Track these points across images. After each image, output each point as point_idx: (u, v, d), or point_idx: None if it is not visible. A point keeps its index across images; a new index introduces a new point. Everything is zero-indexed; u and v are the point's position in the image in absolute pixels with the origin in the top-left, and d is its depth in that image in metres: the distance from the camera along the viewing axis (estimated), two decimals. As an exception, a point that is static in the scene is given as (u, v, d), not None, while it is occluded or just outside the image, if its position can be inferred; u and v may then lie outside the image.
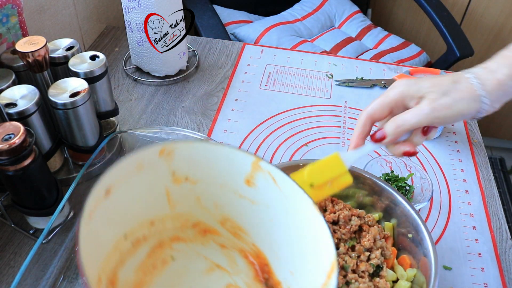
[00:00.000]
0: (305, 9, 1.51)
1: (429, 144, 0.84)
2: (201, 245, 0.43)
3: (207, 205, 0.43)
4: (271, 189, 0.39)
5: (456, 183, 0.78)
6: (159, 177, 0.40)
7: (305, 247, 0.38)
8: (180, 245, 0.43)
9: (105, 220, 0.36)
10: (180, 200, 0.42)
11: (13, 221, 0.66)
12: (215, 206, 0.43)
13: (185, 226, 0.43)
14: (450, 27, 1.32)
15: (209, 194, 0.42)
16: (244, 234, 0.43)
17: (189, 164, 0.40)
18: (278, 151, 0.81)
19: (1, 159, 0.53)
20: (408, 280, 0.55)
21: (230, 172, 0.40)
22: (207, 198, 0.43)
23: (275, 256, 0.42)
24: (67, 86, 0.64)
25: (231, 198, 0.42)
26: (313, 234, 0.37)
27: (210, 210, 0.43)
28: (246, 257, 0.42)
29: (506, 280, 0.64)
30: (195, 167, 0.41)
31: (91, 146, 0.69)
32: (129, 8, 0.85)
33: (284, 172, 0.38)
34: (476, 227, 0.71)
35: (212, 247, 0.43)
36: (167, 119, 0.86)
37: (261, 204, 0.41)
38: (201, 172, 0.41)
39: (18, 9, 0.68)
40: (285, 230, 0.40)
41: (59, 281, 0.60)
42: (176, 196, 0.42)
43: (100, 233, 0.35)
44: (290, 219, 0.39)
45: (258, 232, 0.42)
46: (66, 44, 0.71)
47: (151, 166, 0.39)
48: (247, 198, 0.41)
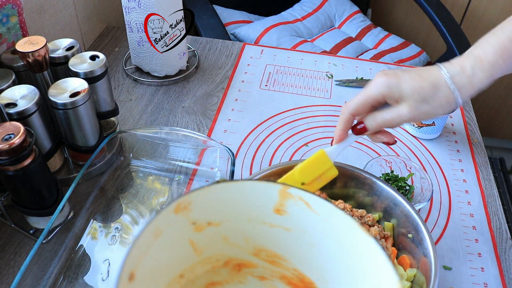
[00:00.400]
0: (305, 9, 1.51)
1: (429, 144, 0.84)
2: (239, 283, 0.41)
3: (237, 241, 0.41)
4: (305, 214, 0.38)
5: (456, 183, 0.78)
6: (180, 233, 0.38)
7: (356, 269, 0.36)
8: None
9: None
10: (206, 245, 0.40)
11: (13, 221, 0.66)
12: (246, 241, 0.41)
13: (216, 267, 0.41)
14: (450, 27, 1.32)
15: (237, 231, 0.41)
16: (283, 261, 0.41)
17: (209, 210, 0.38)
18: (278, 151, 0.81)
19: (1, 159, 0.53)
20: (408, 280, 0.55)
21: (256, 205, 0.38)
22: (236, 235, 0.41)
23: (322, 280, 0.39)
24: (67, 86, 0.64)
25: (262, 229, 0.40)
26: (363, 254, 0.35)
27: (241, 245, 0.41)
28: (289, 284, 0.39)
29: (506, 280, 0.64)
30: (216, 211, 0.39)
31: (91, 146, 0.69)
32: (129, 8, 0.85)
33: (317, 195, 0.36)
34: (476, 227, 0.71)
35: (251, 283, 0.41)
36: (167, 119, 0.86)
37: (296, 230, 0.39)
38: (224, 213, 0.39)
39: (18, 9, 0.68)
40: (329, 254, 0.38)
41: (59, 281, 0.60)
42: (201, 242, 0.40)
43: None
44: (333, 242, 0.38)
45: (299, 258, 0.40)
46: (66, 44, 0.71)
47: (169, 226, 0.37)
48: (280, 227, 0.39)
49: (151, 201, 0.71)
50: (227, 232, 0.40)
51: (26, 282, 0.53)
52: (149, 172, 0.75)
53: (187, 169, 0.76)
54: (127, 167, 0.76)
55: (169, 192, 0.73)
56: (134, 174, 0.75)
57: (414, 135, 0.85)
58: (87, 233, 0.66)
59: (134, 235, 0.66)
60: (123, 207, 0.70)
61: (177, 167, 0.76)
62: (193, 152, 0.77)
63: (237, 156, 0.80)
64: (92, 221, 0.68)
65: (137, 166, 0.76)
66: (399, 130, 0.87)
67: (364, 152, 0.82)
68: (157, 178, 0.75)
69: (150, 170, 0.76)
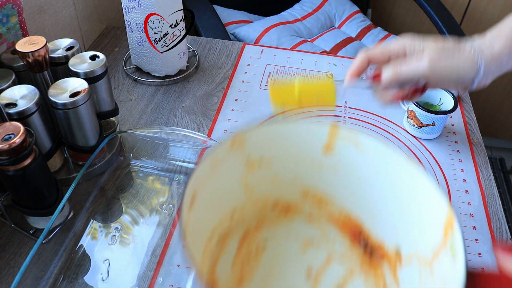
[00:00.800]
0: (305, 9, 1.51)
1: (429, 144, 0.84)
2: (287, 225, 0.42)
3: (286, 182, 0.42)
4: (352, 153, 0.39)
5: (456, 183, 0.78)
6: (234, 168, 0.41)
7: (405, 200, 0.36)
8: (266, 233, 0.41)
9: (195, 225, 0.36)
10: (256, 184, 0.42)
11: (13, 221, 0.66)
12: (294, 181, 0.42)
13: (265, 209, 0.43)
14: (450, 27, 1.32)
15: (286, 171, 0.42)
16: (329, 202, 0.42)
17: (262, 149, 0.40)
18: (278, 151, 0.81)
19: (1, 159, 0.53)
20: None
21: (306, 146, 0.40)
22: (285, 175, 0.42)
23: (370, 215, 0.40)
24: (67, 86, 0.64)
25: (310, 170, 0.41)
26: (411, 185, 0.35)
27: (289, 186, 0.42)
28: (336, 224, 0.40)
29: (506, 280, 0.64)
30: (268, 150, 0.40)
31: (91, 146, 0.69)
32: (129, 8, 0.85)
33: (364, 134, 0.38)
34: (476, 227, 0.71)
35: (299, 225, 0.42)
36: (167, 119, 0.86)
37: (344, 169, 0.40)
38: (275, 152, 0.41)
39: (18, 9, 0.68)
40: (377, 189, 0.39)
41: (59, 281, 0.60)
42: (253, 181, 0.42)
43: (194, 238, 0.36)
44: (382, 178, 0.39)
45: (346, 196, 0.42)
46: (66, 44, 0.71)
47: (225, 160, 0.39)
48: (328, 166, 0.41)
49: (151, 201, 0.71)
50: (277, 173, 0.42)
51: (26, 282, 0.53)
52: (149, 172, 0.75)
53: (187, 169, 0.76)
54: (127, 167, 0.76)
55: (169, 192, 0.73)
56: (134, 174, 0.75)
57: (414, 135, 0.85)
58: (87, 233, 0.66)
59: (135, 235, 0.66)
60: (123, 207, 0.70)
61: (177, 167, 0.76)
62: (193, 152, 0.77)
63: (237, 156, 0.80)
64: (92, 221, 0.68)
65: (137, 166, 0.76)
66: (399, 130, 0.87)
67: (364, 152, 0.82)
68: (157, 178, 0.75)
69: (150, 170, 0.76)
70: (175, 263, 0.63)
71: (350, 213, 0.41)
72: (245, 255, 0.41)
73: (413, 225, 0.34)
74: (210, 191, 0.39)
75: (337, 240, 0.40)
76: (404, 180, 0.36)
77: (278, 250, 0.40)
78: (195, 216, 0.36)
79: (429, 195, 0.34)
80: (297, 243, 0.40)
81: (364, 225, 0.39)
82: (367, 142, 0.38)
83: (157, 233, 0.67)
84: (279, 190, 0.43)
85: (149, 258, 0.64)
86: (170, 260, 0.64)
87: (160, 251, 0.65)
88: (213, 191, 0.39)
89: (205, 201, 0.38)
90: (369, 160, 0.38)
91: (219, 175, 0.39)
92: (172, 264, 0.63)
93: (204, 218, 0.39)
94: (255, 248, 0.41)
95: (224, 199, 0.41)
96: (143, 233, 0.67)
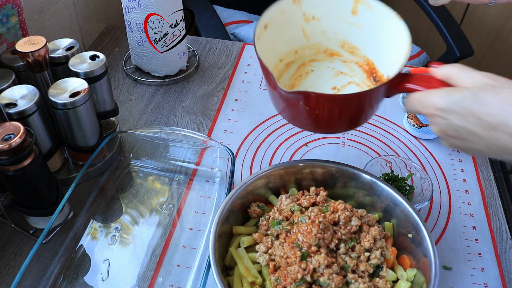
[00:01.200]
0: (305, 9, 1.51)
1: (429, 144, 0.84)
2: (329, 62, 0.64)
3: (330, 35, 0.64)
4: (369, 13, 0.60)
5: (456, 183, 0.78)
6: (295, 18, 0.61)
7: (394, 45, 0.56)
8: (315, 63, 0.64)
9: (267, 45, 0.56)
10: (312, 33, 0.63)
11: (13, 221, 0.66)
12: (335, 34, 0.63)
13: (318, 53, 0.65)
14: (450, 27, 1.32)
15: (330, 26, 0.63)
16: (358, 51, 0.63)
17: (315, 6, 0.61)
18: (278, 151, 0.81)
19: (1, 159, 0.53)
20: (408, 280, 0.55)
21: (340, 7, 0.61)
22: (329, 29, 0.63)
23: (378, 59, 0.62)
24: (67, 86, 0.64)
25: (345, 26, 0.62)
26: (398, 34, 0.55)
27: (332, 38, 0.64)
28: (360, 66, 0.64)
29: (506, 280, 0.64)
30: (318, 8, 0.61)
31: (91, 146, 0.69)
32: (129, 8, 0.85)
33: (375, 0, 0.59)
34: (476, 227, 0.71)
35: (337, 63, 0.64)
36: (167, 119, 0.86)
37: (365, 26, 0.61)
38: (323, 10, 0.62)
39: (18, 9, 0.68)
40: (383, 39, 0.59)
41: (59, 281, 0.60)
42: (309, 31, 0.63)
43: (265, 54, 0.54)
44: (384, 30, 0.58)
45: (367, 46, 0.63)
46: (66, 44, 0.71)
47: (289, 10, 0.60)
48: (356, 24, 0.61)
49: (151, 201, 0.71)
50: (324, 27, 0.63)
51: (26, 282, 0.53)
52: (149, 172, 0.75)
53: (187, 169, 0.76)
54: (127, 167, 0.76)
55: (169, 192, 0.73)
56: (134, 174, 0.75)
57: (414, 135, 0.85)
58: (87, 233, 0.66)
59: (135, 235, 0.67)
60: (123, 207, 0.70)
61: (177, 167, 0.76)
62: (193, 152, 0.77)
63: (237, 156, 0.80)
64: (92, 221, 0.68)
65: (137, 166, 0.76)
66: (399, 130, 0.87)
67: (364, 152, 0.82)
68: (157, 178, 0.75)
69: (150, 170, 0.76)
70: (175, 263, 0.63)
71: (369, 58, 0.63)
72: (298, 75, 0.63)
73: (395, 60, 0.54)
74: (278, 28, 0.59)
75: (358, 74, 0.63)
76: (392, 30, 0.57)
77: (319, 73, 0.63)
78: (266, 41, 0.56)
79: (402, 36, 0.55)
80: (332, 72, 0.63)
81: (377, 67, 0.62)
82: (375, 5, 0.59)
83: (157, 233, 0.67)
84: (327, 41, 0.64)
85: (149, 258, 0.64)
86: (170, 260, 0.64)
87: (160, 251, 0.65)
88: (280, 28, 0.60)
89: (275, 34, 0.59)
90: (377, 17, 0.59)
91: (286, 19, 0.60)
92: (172, 264, 0.63)
93: (273, 47, 0.60)
94: (305, 72, 0.63)
95: (289, 38, 0.62)
96: (143, 233, 0.67)
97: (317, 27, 0.63)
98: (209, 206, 0.71)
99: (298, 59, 0.64)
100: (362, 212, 0.59)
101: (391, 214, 0.61)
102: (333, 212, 0.57)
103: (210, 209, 0.70)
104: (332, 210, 0.57)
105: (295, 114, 0.57)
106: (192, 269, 0.63)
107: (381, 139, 0.85)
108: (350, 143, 0.84)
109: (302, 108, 0.52)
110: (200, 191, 0.73)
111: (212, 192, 0.73)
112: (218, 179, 0.74)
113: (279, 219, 0.58)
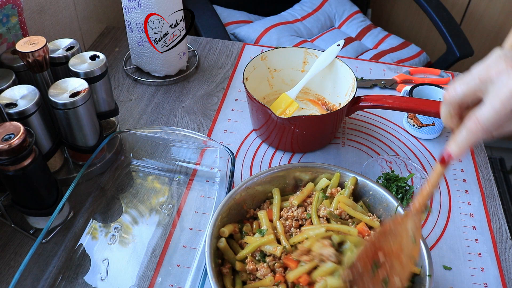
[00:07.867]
0: (305, 9, 1.51)
1: (429, 144, 0.84)
2: None
3: (287, 81, 0.88)
4: (316, 61, 0.83)
5: (456, 183, 0.78)
6: (263, 71, 0.85)
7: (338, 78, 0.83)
8: None
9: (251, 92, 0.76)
10: (274, 83, 0.88)
11: (13, 221, 0.66)
12: (292, 81, 0.88)
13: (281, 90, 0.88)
14: (450, 27, 1.32)
15: (287, 75, 0.88)
16: (309, 90, 0.89)
17: (276, 61, 0.86)
18: (278, 151, 0.81)
19: (1, 159, 0.53)
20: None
21: (294, 60, 0.86)
22: (286, 78, 0.88)
23: (328, 95, 0.87)
24: (67, 86, 0.64)
25: (299, 74, 0.87)
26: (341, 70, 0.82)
27: (289, 84, 0.88)
28: (314, 103, 0.89)
29: (506, 280, 0.64)
30: (278, 62, 0.86)
31: (91, 146, 0.69)
32: (129, 8, 0.85)
33: (319, 50, 0.84)
34: (476, 227, 0.71)
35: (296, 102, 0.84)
36: (167, 119, 0.86)
37: (312, 71, 0.83)
38: (281, 64, 0.87)
39: (18, 9, 0.68)
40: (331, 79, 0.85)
41: (58, 280, 0.60)
42: (272, 81, 0.88)
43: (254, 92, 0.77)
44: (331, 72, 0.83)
45: (316, 85, 0.87)
46: (66, 44, 0.71)
47: (259, 66, 0.84)
48: (306, 71, 0.86)
49: (151, 201, 0.71)
50: (283, 76, 0.88)
51: (25, 282, 0.53)
52: (149, 172, 0.75)
53: (187, 169, 0.76)
54: (127, 167, 0.76)
55: (169, 192, 0.73)
56: (134, 174, 0.75)
57: (414, 135, 0.85)
58: (87, 233, 0.66)
59: (134, 235, 0.67)
60: (123, 207, 0.70)
61: (177, 167, 0.76)
62: (193, 152, 0.77)
63: (237, 156, 0.80)
64: (92, 220, 0.68)
65: (137, 166, 0.76)
66: (399, 130, 0.87)
67: (364, 152, 0.82)
68: (157, 178, 0.75)
69: (150, 170, 0.76)
70: (175, 263, 0.64)
71: (320, 95, 0.88)
72: None
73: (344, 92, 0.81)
74: (253, 80, 0.82)
75: (312, 108, 0.88)
76: (339, 71, 0.83)
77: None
78: (250, 90, 0.77)
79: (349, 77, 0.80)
80: None
81: (327, 100, 0.87)
82: (319, 54, 0.83)
83: (157, 233, 0.67)
84: (285, 86, 0.88)
85: (148, 258, 0.64)
86: (169, 260, 0.64)
87: (160, 251, 0.65)
88: (255, 80, 0.83)
89: (253, 85, 0.80)
90: (322, 62, 0.83)
91: (257, 72, 0.84)
92: (172, 264, 0.63)
93: (255, 95, 0.76)
94: None
95: (259, 89, 0.85)
96: (143, 233, 0.67)
97: (278, 77, 0.88)
98: (209, 206, 0.71)
99: (267, 103, 0.86)
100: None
101: (391, 214, 0.61)
102: None
103: (210, 209, 0.70)
104: None
105: (280, 136, 0.77)
106: (192, 269, 0.63)
107: (381, 139, 0.84)
108: (350, 143, 0.84)
109: (291, 130, 0.74)
110: (200, 191, 0.73)
111: (212, 192, 0.73)
112: (218, 179, 0.74)
113: None
